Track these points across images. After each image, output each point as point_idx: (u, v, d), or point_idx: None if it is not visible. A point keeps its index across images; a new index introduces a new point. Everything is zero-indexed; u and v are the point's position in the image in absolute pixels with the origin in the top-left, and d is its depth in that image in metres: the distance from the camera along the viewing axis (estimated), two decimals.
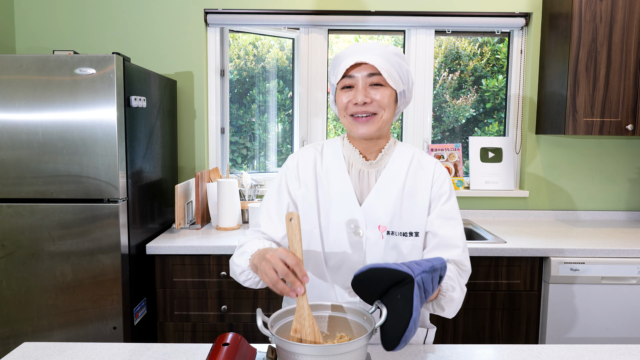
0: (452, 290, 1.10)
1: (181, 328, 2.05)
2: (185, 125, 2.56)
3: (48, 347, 1.13)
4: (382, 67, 1.11)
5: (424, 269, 0.95)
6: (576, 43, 2.22)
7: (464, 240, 1.19)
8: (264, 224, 1.23)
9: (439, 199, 1.20)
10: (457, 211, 1.21)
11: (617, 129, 2.25)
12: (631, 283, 2.02)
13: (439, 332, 2.07)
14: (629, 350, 1.13)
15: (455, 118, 2.86)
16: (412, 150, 1.25)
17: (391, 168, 1.21)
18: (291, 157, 1.27)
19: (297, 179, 1.23)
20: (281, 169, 1.28)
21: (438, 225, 1.18)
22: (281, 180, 1.25)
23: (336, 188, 1.20)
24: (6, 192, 1.81)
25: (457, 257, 1.17)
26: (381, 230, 1.17)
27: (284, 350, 0.89)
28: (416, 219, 1.19)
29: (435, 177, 1.21)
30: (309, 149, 1.28)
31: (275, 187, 1.26)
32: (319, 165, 1.24)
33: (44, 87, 1.77)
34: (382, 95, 1.14)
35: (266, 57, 2.82)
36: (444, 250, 1.17)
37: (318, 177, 1.22)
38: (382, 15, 2.55)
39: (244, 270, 1.13)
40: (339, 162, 1.22)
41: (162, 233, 2.21)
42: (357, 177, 1.21)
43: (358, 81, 1.14)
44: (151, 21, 2.50)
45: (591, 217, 2.67)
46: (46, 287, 1.84)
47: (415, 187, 1.20)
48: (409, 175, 1.20)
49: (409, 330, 0.88)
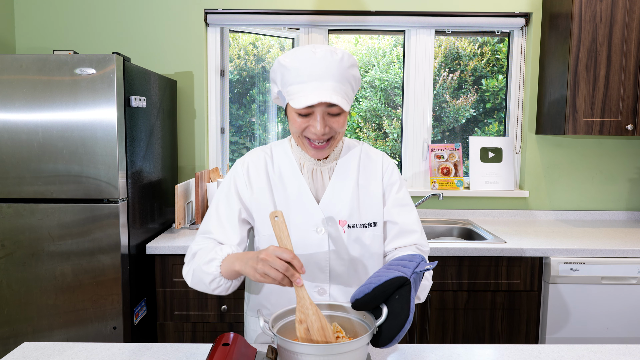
0: (424, 279, 1.18)
1: (181, 328, 2.05)
2: (185, 125, 2.56)
3: (48, 347, 1.13)
4: (343, 100, 1.09)
5: (414, 270, 1.00)
6: (576, 43, 2.22)
7: (419, 224, 1.26)
8: (216, 231, 1.19)
9: (391, 188, 1.26)
10: (409, 197, 1.28)
11: (617, 129, 2.25)
12: (631, 283, 2.02)
13: (439, 332, 2.07)
14: (629, 350, 1.13)
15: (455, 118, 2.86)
16: (359, 144, 1.29)
17: (342, 164, 1.24)
18: (240, 162, 1.25)
19: (249, 184, 1.21)
20: (229, 174, 1.25)
21: (396, 213, 1.24)
22: (230, 185, 1.23)
23: (291, 189, 1.20)
24: (6, 192, 1.81)
25: (417, 241, 1.23)
26: (342, 224, 1.20)
27: (286, 350, 0.89)
28: (373, 209, 1.23)
29: (384, 167, 1.27)
30: (258, 152, 1.26)
31: (224, 193, 1.23)
32: (271, 168, 1.23)
33: (44, 87, 1.77)
34: (340, 123, 1.13)
35: (266, 57, 2.82)
36: (405, 236, 1.23)
37: (271, 180, 1.22)
38: (382, 15, 2.55)
39: (215, 278, 1.09)
40: (290, 164, 1.23)
41: (162, 233, 2.21)
42: (311, 176, 1.23)
43: (316, 112, 1.10)
44: (151, 21, 2.50)
45: (591, 217, 2.67)
46: (46, 287, 1.84)
47: (368, 179, 1.24)
48: (360, 169, 1.25)
49: (403, 330, 0.92)
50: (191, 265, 1.16)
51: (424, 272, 1.02)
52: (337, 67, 1.08)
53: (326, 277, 1.19)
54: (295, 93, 1.10)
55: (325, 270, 1.19)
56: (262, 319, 0.95)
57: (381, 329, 0.93)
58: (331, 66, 1.08)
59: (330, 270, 1.19)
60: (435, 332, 2.07)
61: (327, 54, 1.08)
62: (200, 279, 1.12)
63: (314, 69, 1.08)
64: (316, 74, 1.08)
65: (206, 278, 1.10)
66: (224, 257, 1.08)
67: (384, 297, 0.95)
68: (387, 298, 0.96)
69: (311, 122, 1.11)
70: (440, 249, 1.99)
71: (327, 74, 1.08)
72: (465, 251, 2.00)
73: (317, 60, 1.08)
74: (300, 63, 1.09)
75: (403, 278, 0.96)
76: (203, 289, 1.13)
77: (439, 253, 2.00)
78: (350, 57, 1.12)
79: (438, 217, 2.64)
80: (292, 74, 1.10)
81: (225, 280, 1.09)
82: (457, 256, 2.02)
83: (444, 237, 2.52)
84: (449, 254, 2.00)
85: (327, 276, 1.19)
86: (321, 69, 1.08)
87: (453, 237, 2.51)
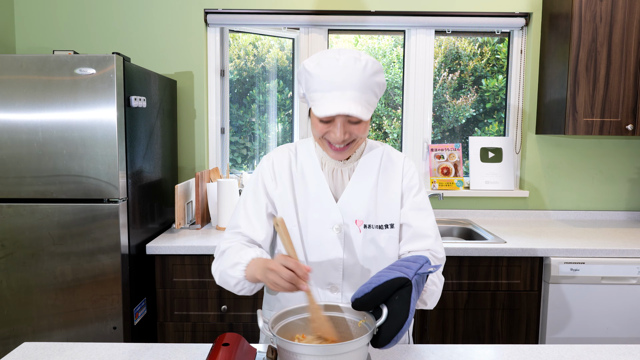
0: (432, 284, 1.15)
1: (181, 328, 2.05)
2: (185, 125, 2.56)
3: (48, 347, 1.13)
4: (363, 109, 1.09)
5: (416, 271, 1.00)
6: (576, 43, 2.22)
7: (436, 230, 1.24)
8: (244, 225, 1.23)
9: (410, 191, 1.25)
10: (428, 202, 1.27)
11: (617, 129, 2.25)
12: (631, 283, 2.02)
13: (439, 332, 2.07)
14: (629, 350, 1.13)
15: (455, 118, 2.86)
16: (381, 146, 1.30)
17: (363, 164, 1.24)
18: (266, 158, 1.28)
19: (274, 179, 1.25)
20: (256, 170, 1.29)
21: (412, 216, 1.23)
22: (257, 180, 1.26)
23: (312, 187, 1.23)
24: (6, 192, 1.81)
25: (431, 247, 1.22)
26: (358, 224, 1.21)
27: (286, 351, 0.89)
28: (391, 211, 1.23)
29: (405, 170, 1.27)
30: (283, 149, 1.29)
31: (252, 188, 1.26)
32: (294, 165, 1.26)
33: (44, 87, 1.77)
34: (360, 129, 1.14)
35: (266, 57, 2.82)
36: (419, 240, 1.22)
37: (294, 177, 1.25)
38: (382, 15, 2.55)
39: (239, 281, 1.13)
40: (312, 162, 1.25)
41: (162, 233, 2.21)
42: (331, 175, 1.24)
43: (336, 120, 1.12)
44: (151, 21, 2.50)
45: (591, 217, 2.67)
46: (46, 287, 1.84)
47: (387, 181, 1.25)
48: (380, 170, 1.25)
49: (402, 330, 0.92)
50: (219, 264, 1.19)
51: (427, 274, 1.02)
52: (360, 76, 1.08)
53: (339, 275, 1.21)
54: (317, 100, 1.11)
55: (339, 268, 1.21)
56: (261, 319, 0.95)
57: (380, 329, 0.94)
58: (353, 75, 1.08)
59: (344, 268, 1.21)
60: (435, 332, 2.07)
61: (349, 62, 1.08)
62: (225, 281, 1.16)
63: (335, 78, 1.08)
64: (338, 83, 1.08)
65: (231, 281, 1.14)
66: (248, 261, 1.11)
67: (384, 297, 0.95)
68: (388, 298, 0.96)
69: (332, 128, 1.13)
70: None
71: (349, 84, 1.08)
72: (465, 251, 2.00)
73: (340, 68, 1.08)
74: (323, 70, 1.09)
75: (404, 279, 0.96)
76: (229, 289, 1.17)
77: None
78: (374, 64, 1.11)
79: (438, 217, 2.64)
80: (315, 80, 1.11)
81: (249, 283, 1.12)
82: (457, 256, 2.02)
83: (444, 237, 2.52)
84: (449, 254, 2.00)
85: (341, 274, 1.21)
86: (343, 78, 1.08)
87: (453, 237, 2.51)
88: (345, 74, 1.08)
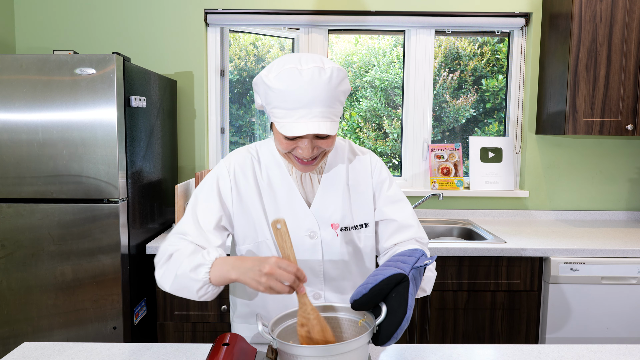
0: (427, 270, 1.16)
1: (181, 328, 2.05)
2: (185, 125, 2.56)
3: (48, 347, 1.13)
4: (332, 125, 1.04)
5: (412, 265, 1.00)
6: (576, 43, 2.22)
7: (415, 217, 1.25)
8: (193, 234, 1.11)
9: (381, 186, 1.24)
10: (401, 192, 1.26)
11: (617, 129, 2.25)
12: (631, 283, 2.02)
13: (439, 332, 2.07)
14: (629, 350, 1.13)
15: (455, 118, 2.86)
16: (344, 142, 1.26)
17: (331, 165, 1.21)
18: (224, 163, 1.18)
19: (235, 190, 1.16)
20: (212, 175, 1.18)
21: (391, 210, 1.22)
22: (212, 187, 1.16)
23: (281, 194, 1.16)
24: (6, 192, 1.81)
25: (416, 235, 1.23)
26: (334, 228, 1.18)
27: (286, 354, 0.89)
28: (365, 210, 1.21)
29: (372, 166, 1.25)
30: (243, 152, 1.20)
31: (204, 195, 1.16)
32: (258, 172, 1.18)
33: (44, 87, 1.77)
34: (329, 143, 1.08)
35: (266, 57, 2.82)
36: (404, 231, 1.22)
37: (260, 185, 1.17)
38: (382, 15, 2.55)
39: (203, 285, 1.01)
40: (278, 167, 1.18)
41: (162, 233, 2.21)
42: (300, 180, 1.19)
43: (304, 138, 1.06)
44: (151, 21, 2.50)
45: (591, 217, 2.67)
46: (46, 287, 1.84)
47: (357, 179, 1.23)
48: (349, 169, 1.23)
49: (402, 327, 0.92)
50: (167, 269, 1.07)
51: (424, 267, 1.02)
52: (326, 89, 1.01)
53: (320, 282, 1.18)
54: (282, 118, 1.03)
55: (319, 274, 1.18)
56: (260, 323, 0.94)
57: (380, 327, 0.93)
58: (319, 89, 1.00)
59: (324, 274, 1.18)
60: (435, 332, 2.07)
61: (314, 74, 1.00)
62: (184, 285, 1.04)
63: (301, 96, 1.00)
64: (304, 101, 1.00)
65: (194, 285, 1.02)
66: (212, 262, 1.02)
67: (382, 295, 0.95)
68: (386, 296, 0.96)
69: (299, 144, 1.06)
70: (440, 249, 1.99)
71: (316, 100, 1.01)
72: (465, 251, 2.00)
73: (305, 82, 1.00)
74: (285, 85, 1.01)
75: (400, 275, 0.95)
76: (186, 296, 1.05)
77: (439, 253, 1.99)
78: (339, 72, 1.04)
79: (438, 217, 2.64)
80: (276, 95, 1.02)
81: (213, 287, 1.03)
82: (457, 256, 2.02)
83: (444, 237, 2.52)
84: (449, 254, 2.00)
85: (322, 280, 1.18)
86: (308, 94, 1.00)
87: (453, 237, 2.51)
88: (312, 89, 1.00)
